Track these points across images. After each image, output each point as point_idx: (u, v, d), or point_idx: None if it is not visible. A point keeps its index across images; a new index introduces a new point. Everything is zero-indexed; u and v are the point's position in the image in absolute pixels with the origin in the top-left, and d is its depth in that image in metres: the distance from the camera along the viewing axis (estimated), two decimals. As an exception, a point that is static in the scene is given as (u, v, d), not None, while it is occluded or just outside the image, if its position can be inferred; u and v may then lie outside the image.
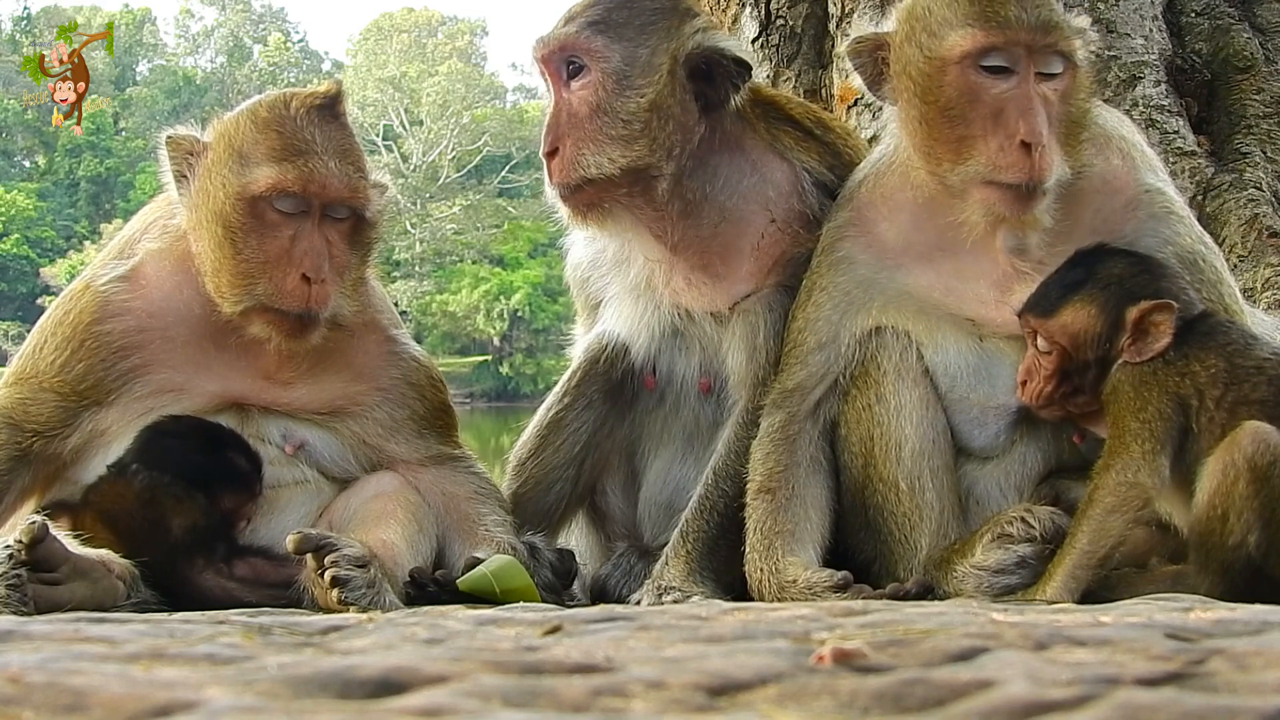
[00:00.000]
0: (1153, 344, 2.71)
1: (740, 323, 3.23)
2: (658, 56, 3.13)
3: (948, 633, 1.54)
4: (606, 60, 3.10)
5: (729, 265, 3.24)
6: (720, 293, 3.24)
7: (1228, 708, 1.11)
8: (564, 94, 3.13)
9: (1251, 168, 4.77)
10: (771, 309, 3.21)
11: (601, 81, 3.10)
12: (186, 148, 3.10)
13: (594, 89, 3.10)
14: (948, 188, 2.92)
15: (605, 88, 3.10)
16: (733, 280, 3.24)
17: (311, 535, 2.76)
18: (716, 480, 3.19)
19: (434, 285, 57.91)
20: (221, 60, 76.69)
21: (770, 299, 3.22)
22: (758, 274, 3.23)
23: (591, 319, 3.51)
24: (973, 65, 2.84)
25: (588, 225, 3.22)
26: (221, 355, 3.10)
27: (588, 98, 3.10)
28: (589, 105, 3.10)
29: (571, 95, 3.12)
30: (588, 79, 3.11)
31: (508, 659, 1.38)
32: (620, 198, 3.14)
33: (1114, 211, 3.00)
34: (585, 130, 3.09)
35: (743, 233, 3.23)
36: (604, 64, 3.10)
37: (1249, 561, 2.47)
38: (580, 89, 3.11)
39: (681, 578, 3.07)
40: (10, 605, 2.45)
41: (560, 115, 3.13)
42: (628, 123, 3.10)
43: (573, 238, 3.51)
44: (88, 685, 1.19)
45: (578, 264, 3.53)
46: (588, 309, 3.53)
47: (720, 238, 3.23)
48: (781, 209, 3.25)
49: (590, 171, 3.09)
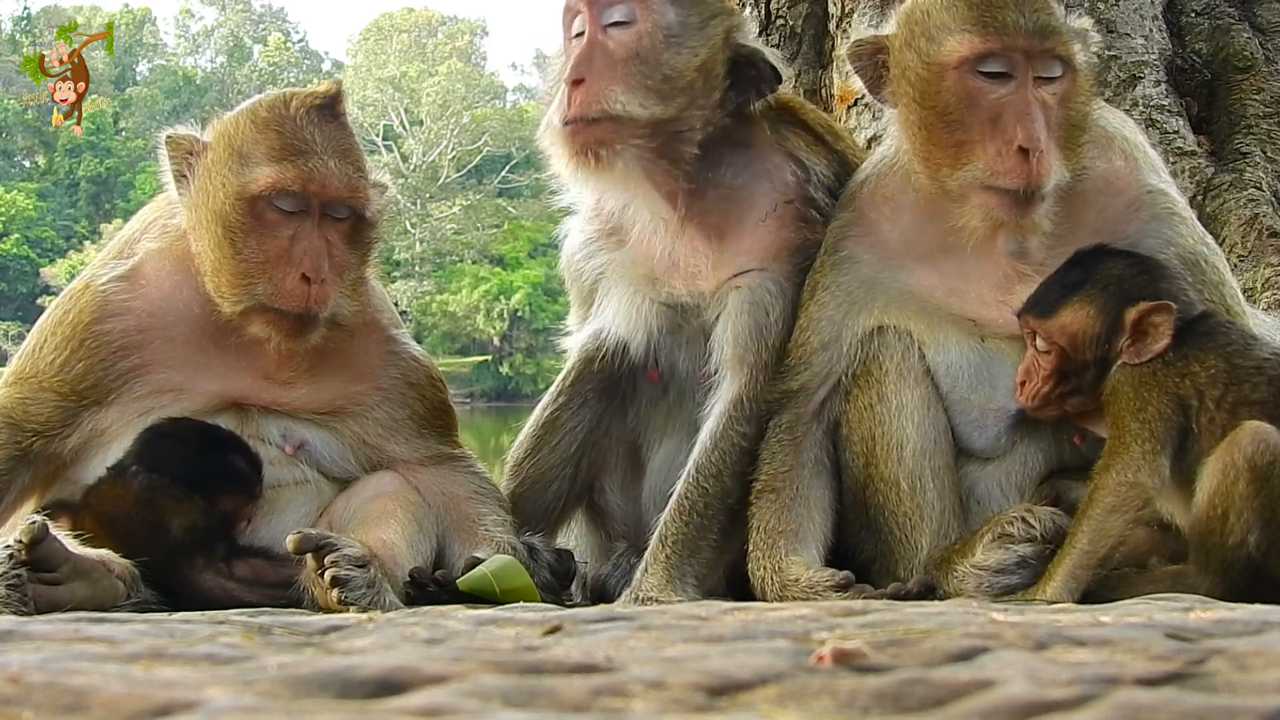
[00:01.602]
0: (1151, 345, 2.71)
1: (734, 297, 3.17)
2: (712, 27, 3.12)
3: (948, 633, 1.54)
4: (660, 14, 3.08)
5: (730, 238, 3.19)
6: (720, 265, 3.19)
7: (1228, 708, 1.11)
8: (599, 35, 3.06)
9: (1251, 168, 4.77)
10: (769, 292, 3.16)
11: (650, 32, 3.06)
12: (186, 147, 3.10)
13: (639, 37, 3.06)
14: (947, 192, 2.92)
15: (653, 39, 3.07)
16: (733, 253, 3.18)
17: (311, 535, 2.76)
18: (698, 477, 3.11)
19: (434, 285, 57.90)
20: (221, 60, 76.70)
21: (767, 281, 3.16)
22: (758, 251, 3.18)
23: (586, 309, 3.44)
24: (971, 70, 2.84)
25: (590, 167, 3.06)
26: (221, 355, 3.10)
27: (629, 44, 3.05)
28: (628, 51, 3.05)
29: (609, 38, 3.06)
30: (633, 28, 3.07)
31: (508, 659, 1.38)
32: (634, 144, 3.05)
33: (1116, 212, 3.00)
34: (619, 72, 3.03)
35: (747, 210, 3.19)
36: (656, 16, 3.07)
37: (1249, 561, 2.47)
38: (621, 34, 3.06)
39: (660, 587, 3.00)
40: (10, 605, 2.45)
41: (593, 51, 3.05)
42: (669, 78, 3.06)
43: (568, 225, 3.46)
44: (88, 685, 1.19)
45: (572, 252, 3.45)
46: (582, 296, 3.46)
47: (725, 210, 3.19)
48: (788, 194, 3.22)
49: (615, 108, 3.02)
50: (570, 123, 3.02)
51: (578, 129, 3.02)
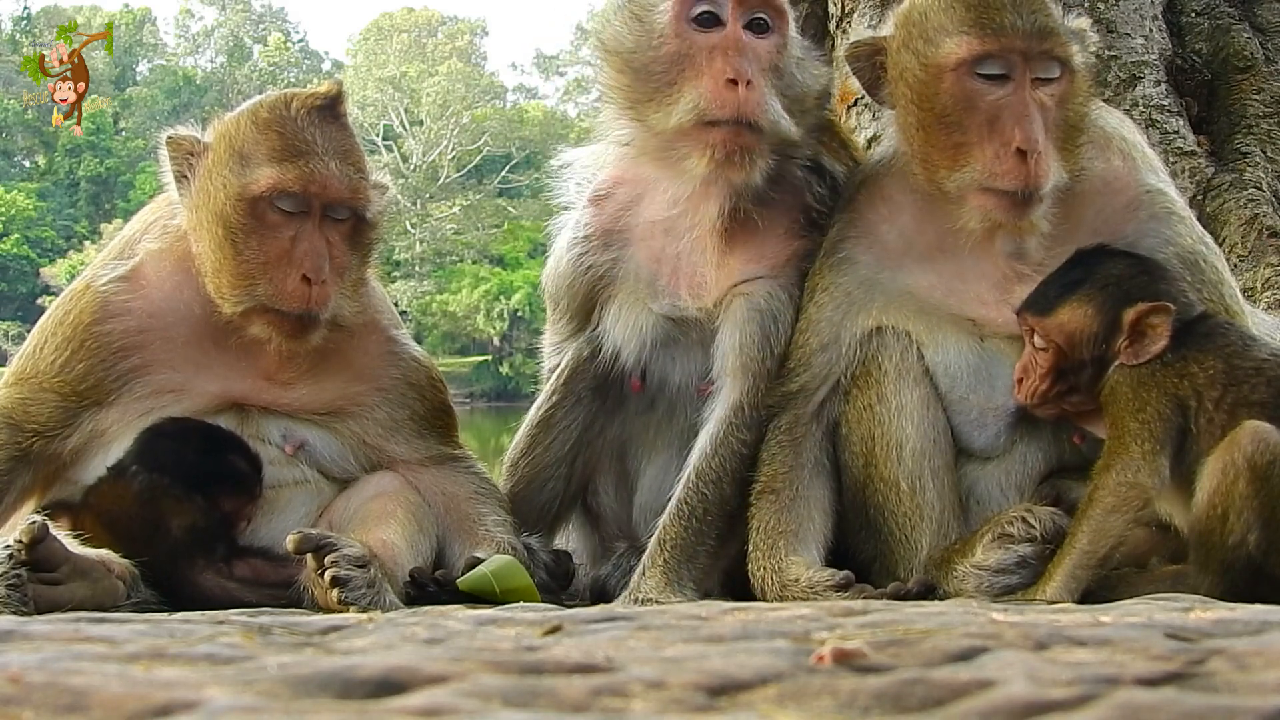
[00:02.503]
0: (1150, 346, 2.71)
1: (740, 304, 3.15)
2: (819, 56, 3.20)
3: (948, 633, 1.54)
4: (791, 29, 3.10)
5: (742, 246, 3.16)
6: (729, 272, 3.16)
7: (1228, 708, 1.11)
8: (744, 36, 3.00)
9: (1251, 168, 4.77)
10: (778, 299, 3.14)
11: (786, 46, 3.07)
12: (187, 148, 3.10)
13: (778, 50, 3.04)
14: (945, 193, 2.92)
15: (789, 54, 3.08)
16: (742, 260, 3.17)
17: (311, 535, 2.76)
18: (698, 482, 3.10)
19: (434, 285, 57.91)
20: (221, 60, 76.70)
21: (776, 288, 3.15)
22: (768, 258, 3.17)
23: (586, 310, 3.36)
24: (968, 72, 2.84)
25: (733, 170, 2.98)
26: (222, 356, 3.10)
27: (770, 53, 3.03)
28: (771, 61, 3.02)
29: (756, 42, 3.02)
30: (772, 38, 3.04)
31: (508, 659, 1.38)
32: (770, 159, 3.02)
33: (1115, 212, 3.01)
34: (769, 81, 3.00)
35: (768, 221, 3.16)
36: (789, 30, 3.09)
37: (1249, 561, 2.47)
38: (763, 42, 3.03)
39: (659, 589, 3.00)
40: (10, 605, 2.45)
41: (746, 53, 2.97)
42: (800, 98, 3.08)
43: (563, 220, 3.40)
44: (88, 685, 1.19)
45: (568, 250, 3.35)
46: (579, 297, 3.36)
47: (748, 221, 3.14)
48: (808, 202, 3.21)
49: (776, 122, 2.97)
50: (731, 123, 2.94)
51: (740, 131, 2.95)
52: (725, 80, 2.93)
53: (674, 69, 3.01)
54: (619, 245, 3.29)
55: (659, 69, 3.03)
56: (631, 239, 3.27)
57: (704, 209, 3.14)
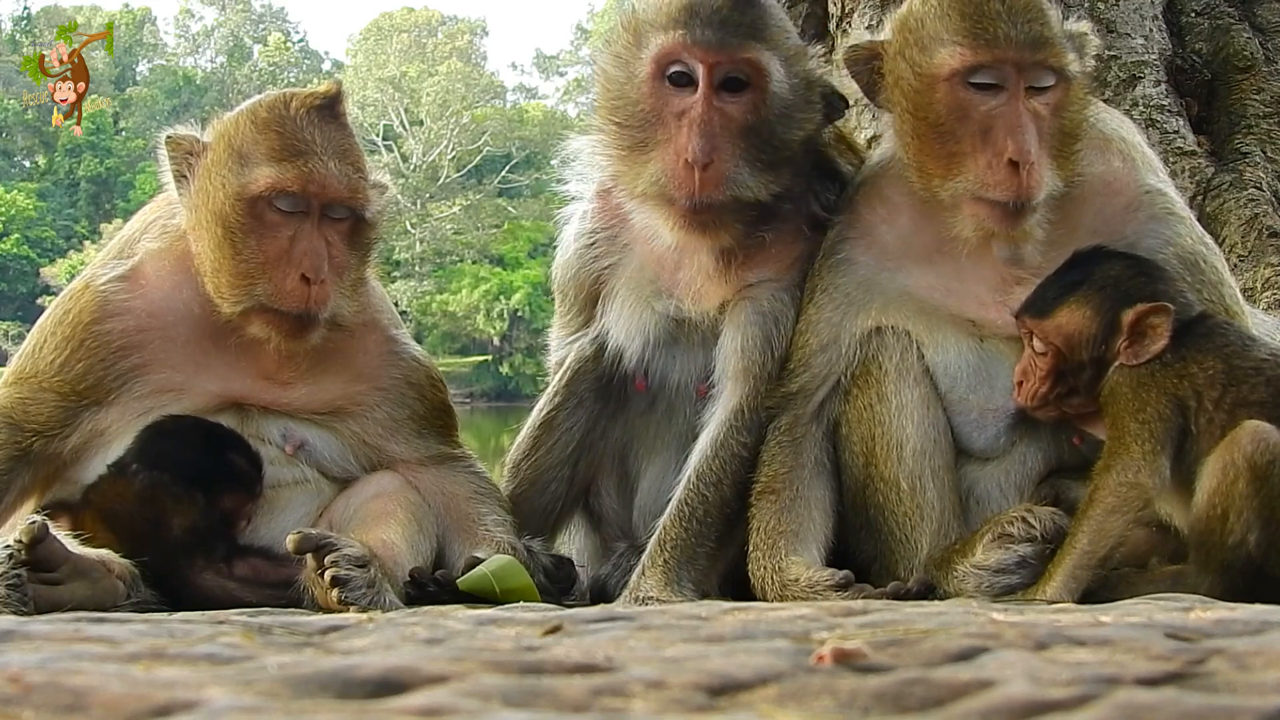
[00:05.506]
0: (1149, 346, 2.71)
1: (745, 308, 3.16)
2: (810, 89, 3.06)
3: (948, 633, 1.54)
4: (776, 84, 2.98)
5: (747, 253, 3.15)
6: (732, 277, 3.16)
7: (1228, 708, 1.11)
8: (714, 100, 2.93)
9: (1251, 168, 4.78)
10: (782, 302, 3.15)
11: (765, 102, 2.97)
12: (186, 148, 3.10)
13: (754, 109, 2.96)
14: (939, 200, 2.92)
15: (771, 110, 2.98)
16: (746, 266, 3.16)
17: (311, 535, 2.76)
18: (698, 484, 3.11)
19: (434, 285, 57.91)
20: (221, 60, 76.70)
21: (780, 292, 3.16)
22: (772, 263, 3.17)
23: (590, 308, 3.37)
24: (961, 82, 2.83)
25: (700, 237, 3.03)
26: (221, 355, 3.10)
27: (745, 115, 2.95)
28: (744, 124, 2.95)
29: (725, 105, 2.94)
30: (747, 95, 2.96)
31: (508, 659, 1.38)
32: (746, 215, 3.02)
33: (1114, 213, 3.00)
34: (740, 148, 2.94)
35: (774, 230, 3.15)
36: (772, 86, 2.97)
37: (1249, 561, 2.48)
38: (736, 102, 2.95)
39: (659, 588, 3.00)
40: (10, 605, 2.45)
41: (713, 124, 2.92)
42: (779, 149, 3.00)
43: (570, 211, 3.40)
44: (88, 685, 1.19)
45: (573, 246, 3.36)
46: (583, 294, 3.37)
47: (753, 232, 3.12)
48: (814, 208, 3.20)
49: (742, 193, 2.95)
50: (696, 206, 2.94)
51: (699, 208, 2.95)
52: (683, 161, 2.91)
53: (648, 128, 3.01)
54: (623, 242, 3.29)
55: (635, 124, 3.03)
56: (634, 238, 3.27)
57: (695, 257, 3.16)
